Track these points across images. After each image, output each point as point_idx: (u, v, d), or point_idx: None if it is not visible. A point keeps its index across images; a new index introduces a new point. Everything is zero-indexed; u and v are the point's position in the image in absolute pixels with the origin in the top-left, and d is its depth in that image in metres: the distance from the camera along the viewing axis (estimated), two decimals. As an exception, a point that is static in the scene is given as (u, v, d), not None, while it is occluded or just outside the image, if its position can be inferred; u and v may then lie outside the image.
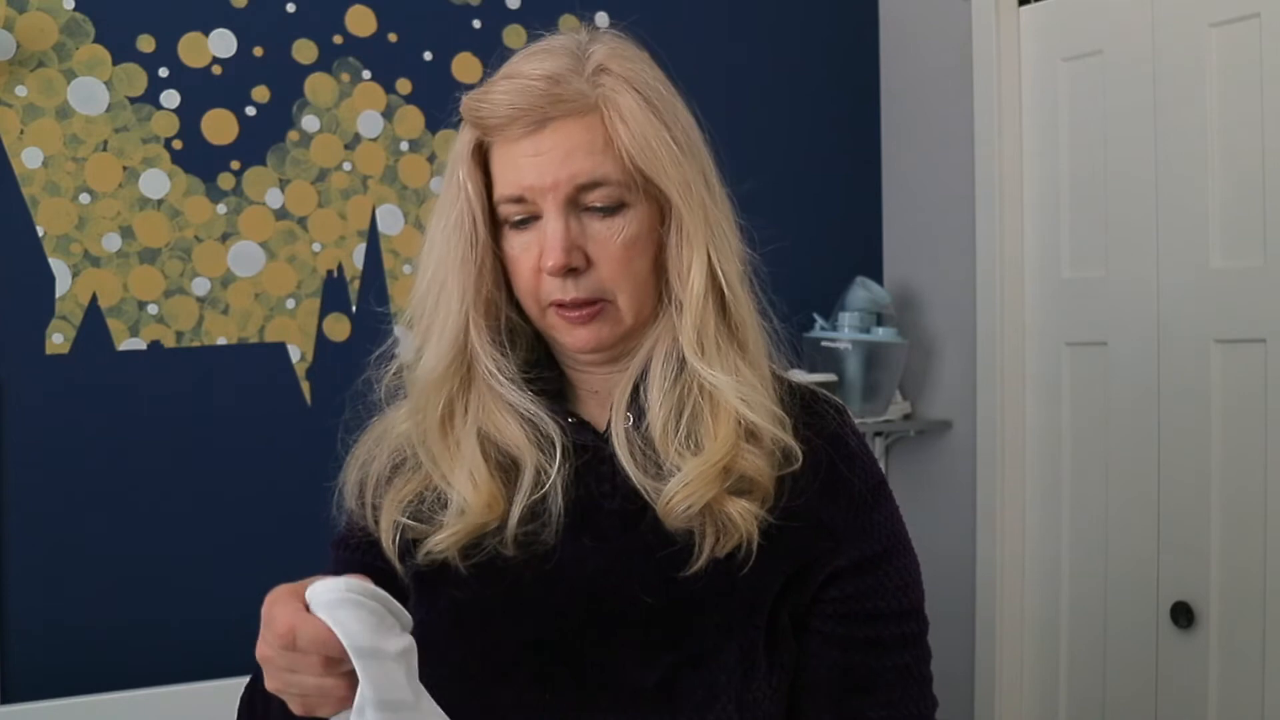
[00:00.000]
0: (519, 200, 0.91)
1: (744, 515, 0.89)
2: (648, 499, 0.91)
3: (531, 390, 0.95)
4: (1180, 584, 2.08)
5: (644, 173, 0.90)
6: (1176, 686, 2.09)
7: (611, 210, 0.91)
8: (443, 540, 0.92)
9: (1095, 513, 2.25)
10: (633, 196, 0.91)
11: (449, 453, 0.94)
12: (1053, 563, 2.35)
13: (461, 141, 0.94)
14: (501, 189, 0.92)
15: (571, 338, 0.94)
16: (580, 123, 0.89)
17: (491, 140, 0.92)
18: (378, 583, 0.95)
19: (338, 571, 0.99)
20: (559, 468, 0.92)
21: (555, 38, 0.95)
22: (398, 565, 0.95)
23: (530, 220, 0.92)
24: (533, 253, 0.92)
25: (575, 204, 0.90)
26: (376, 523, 0.96)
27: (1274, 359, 1.93)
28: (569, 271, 0.90)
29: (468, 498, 0.91)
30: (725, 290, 0.93)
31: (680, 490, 0.89)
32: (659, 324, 0.96)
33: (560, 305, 0.92)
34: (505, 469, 0.94)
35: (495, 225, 0.95)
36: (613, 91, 0.90)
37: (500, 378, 0.94)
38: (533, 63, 0.90)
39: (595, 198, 0.90)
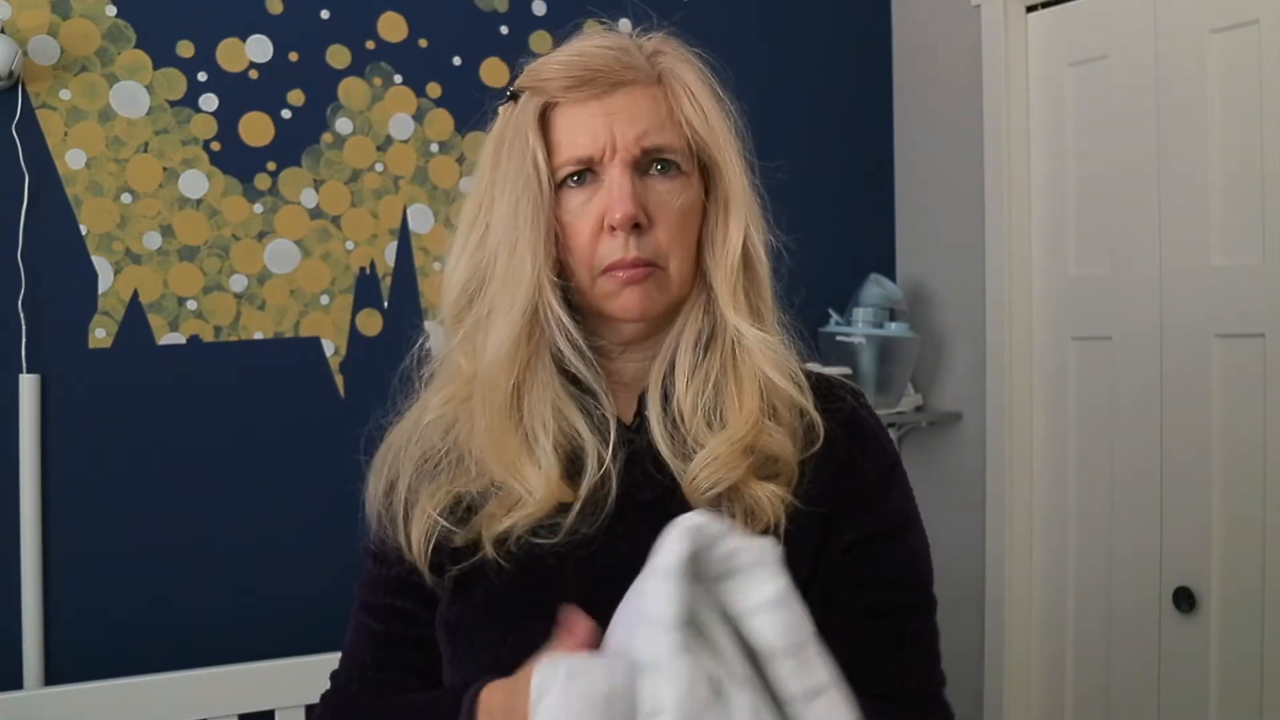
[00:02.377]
0: (585, 159, 0.91)
1: (771, 499, 0.89)
2: (677, 479, 0.91)
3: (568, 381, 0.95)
4: (1182, 569, 2.11)
5: (702, 142, 0.94)
6: (1178, 669, 2.12)
7: (671, 175, 0.93)
8: (504, 528, 0.89)
9: (1100, 500, 2.27)
10: (689, 166, 0.94)
11: (515, 438, 0.91)
12: (1059, 549, 2.36)
13: (525, 111, 0.93)
14: (566, 150, 0.92)
15: (622, 301, 0.93)
16: (647, 92, 0.93)
17: (557, 103, 0.93)
18: (409, 592, 0.96)
19: (372, 581, 1.01)
20: (614, 455, 0.91)
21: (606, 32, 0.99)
22: (429, 576, 0.93)
23: (588, 182, 0.92)
24: (592, 214, 0.92)
25: (639, 166, 0.92)
26: (408, 536, 0.94)
27: (1272, 353, 1.96)
28: (633, 228, 0.90)
29: (535, 486, 0.89)
30: (756, 263, 0.96)
31: (705, 468, 0.89)
32: (691, 302, 0.96)
33: (615, 268, 0.92)
34: (571, 458, 0.92)
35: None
36: (673, 65, 0.95)
37: (571, 346, 0.92)
38: (594, 40, 0.94)
39: (658, 162, 0.93)
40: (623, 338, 0.98)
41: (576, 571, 0.91)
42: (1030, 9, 2.37)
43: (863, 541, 0.96)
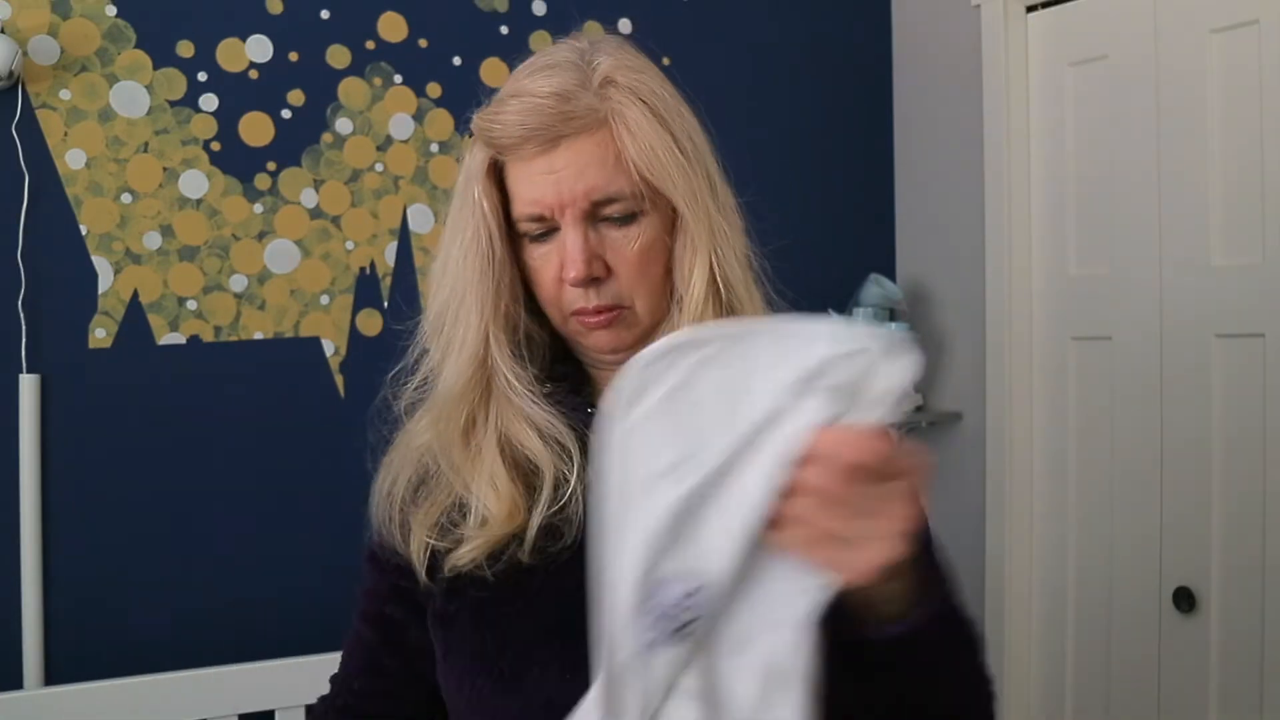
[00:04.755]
0: (538, 218, 0.91)
1: None
2: None
3: (553, 385, 0.96)
4: (1182, 569, 2.11)
5: (651, 184, 0.90)
6: (1178, 669, 2.12)
7: (626, 220, 0.91)
8: (465, 554, 0.91)
9: (1100, 501, 2.28)
10: (644, 205, 0.91)
11: (470, 462, 0.94)
12: (1059, 549, 2.37)
13: (475, 160, 0.94)
14: (520, 207, 0.92)
15: (593, 341, 0.95)
16: (591, 139, 0.89)
17: (505, 159, 0.92)
18: (401, 598, 0.98)
19: (371, 588, 1.02)
20: (578, 475, 0.92)
21: (558, 49, 0.94)
22: (425, 581, 0.94)
23: (549, 233, 0.92)
24: (553, 263, 0.92)
25: (591, 216, 0.91)
26: (405, 542, 0.96)
27: (1272, 353, 1.96)
28: (590, 281, 0.91)
29: (490, 507, 0.91)
30: (724, 293, 0.93)
31: None
32: (673, 323, 0.95)
33: (581, 313, 0.93)
34: (527, 478, 0.93)
35: (511, 238, 0.95)
36: (620, 105, 0.89)
37: (519, 388, 0.94)
38: (539, 80, 0.90)
39: (610, 210, 0.90)
40: (608, 361, 0.99)
41: (564, 573, 0.91)
42: (1030, 9, 2.38)
43: None
